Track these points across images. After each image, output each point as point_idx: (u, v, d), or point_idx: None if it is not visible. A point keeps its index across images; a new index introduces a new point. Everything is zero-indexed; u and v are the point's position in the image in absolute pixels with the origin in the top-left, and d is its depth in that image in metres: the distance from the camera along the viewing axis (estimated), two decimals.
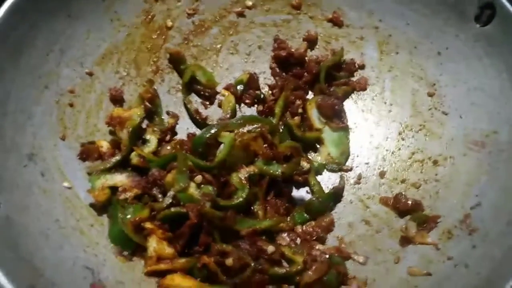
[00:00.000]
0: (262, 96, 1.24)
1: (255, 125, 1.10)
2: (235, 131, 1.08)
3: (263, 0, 1.28)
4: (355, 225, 1.08)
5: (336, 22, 1.27)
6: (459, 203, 1.01)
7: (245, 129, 1.09)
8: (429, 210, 1.04)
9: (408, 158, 1.14)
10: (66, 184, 1.00)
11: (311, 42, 1.28)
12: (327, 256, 0.99)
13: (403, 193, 1.08)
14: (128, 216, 0.96)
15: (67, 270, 0.85)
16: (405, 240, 1.01)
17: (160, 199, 1.02)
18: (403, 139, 1.17)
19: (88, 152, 1.06)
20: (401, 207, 1.05)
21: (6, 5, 0.95)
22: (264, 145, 1.10)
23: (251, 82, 1.25)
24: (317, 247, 1.03)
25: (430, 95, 1.18)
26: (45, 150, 1.00)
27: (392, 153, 1.16)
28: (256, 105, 1.25)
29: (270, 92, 1.25)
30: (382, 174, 1.14)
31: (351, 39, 1.27)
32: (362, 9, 1.25)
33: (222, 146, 1.07)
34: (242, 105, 1.25)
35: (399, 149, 1.16)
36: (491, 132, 1.05)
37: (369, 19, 1.25)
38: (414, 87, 1.20)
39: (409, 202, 1.05)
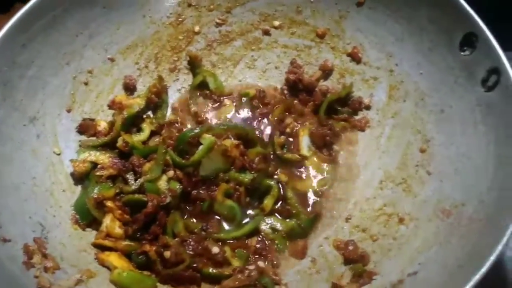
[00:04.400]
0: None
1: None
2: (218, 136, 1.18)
3: (290, 22, 1.35)
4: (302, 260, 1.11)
5: (354, 57, 1.31)
6: (401, 266, 0.99)
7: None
8: (373, 266, 1.04)
9: (378, 209, 1.15)
10: (56, 149, 1.16)
11: (326, 72, 1.34)
12: (257, 274, 1.05)
13: (356, 241, 1.09)
14: (95, 191, 1.10)
15: (21, 220, 1.01)
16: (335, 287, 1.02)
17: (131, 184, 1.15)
18: (381, 189, 1.18)
19: (86, 127, 1.22)
20: (347, 254, 1.06)
21: None
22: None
23: (258, 98, 1.34)
24: (258, 263, 1.09)
25: (422, 151, 1.16)
26: (48, 117, 1.17)
27: (366, 199, 1.17)
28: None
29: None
30: (347, 218, 1.16)
31: (365, 78, 1.30)
32: (383, 49, 1.27)
33: (201, 147, 1.17)
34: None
35: (374, 197, 1.17)
36: (460, 203, 1.01)
37: (386, 61, 1.26)
38: (410, 139, 1.19)
39: (358, 251, 1.05)
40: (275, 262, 1.10)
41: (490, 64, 1.04)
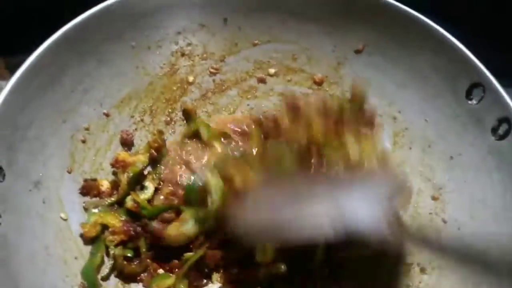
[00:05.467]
0: None
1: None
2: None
3: (286, 70, 1.62)
4: None
5: None
6: None
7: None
8: None
9: None
10: (62, 215, 1.32)
11: None
12: None
13: None
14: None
15: None
16: None
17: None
18: None
19: (89, 188, 1.40)
20: None
21: (43, 46, 1.31)
22: None
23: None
24: None
25: (434, 199, 1.43)
26: (51, 180, 1.34)
27: None
28: None
29: None
30: None
31: None
32: (384, 96, 1.54)
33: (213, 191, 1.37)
34: None
35: None
36: (482, 251, 1.28)
37: (389, 107, 1.54)
38: (420, 187, 1.46)
39: None
40: None
41: (500, 114, 1.29)
